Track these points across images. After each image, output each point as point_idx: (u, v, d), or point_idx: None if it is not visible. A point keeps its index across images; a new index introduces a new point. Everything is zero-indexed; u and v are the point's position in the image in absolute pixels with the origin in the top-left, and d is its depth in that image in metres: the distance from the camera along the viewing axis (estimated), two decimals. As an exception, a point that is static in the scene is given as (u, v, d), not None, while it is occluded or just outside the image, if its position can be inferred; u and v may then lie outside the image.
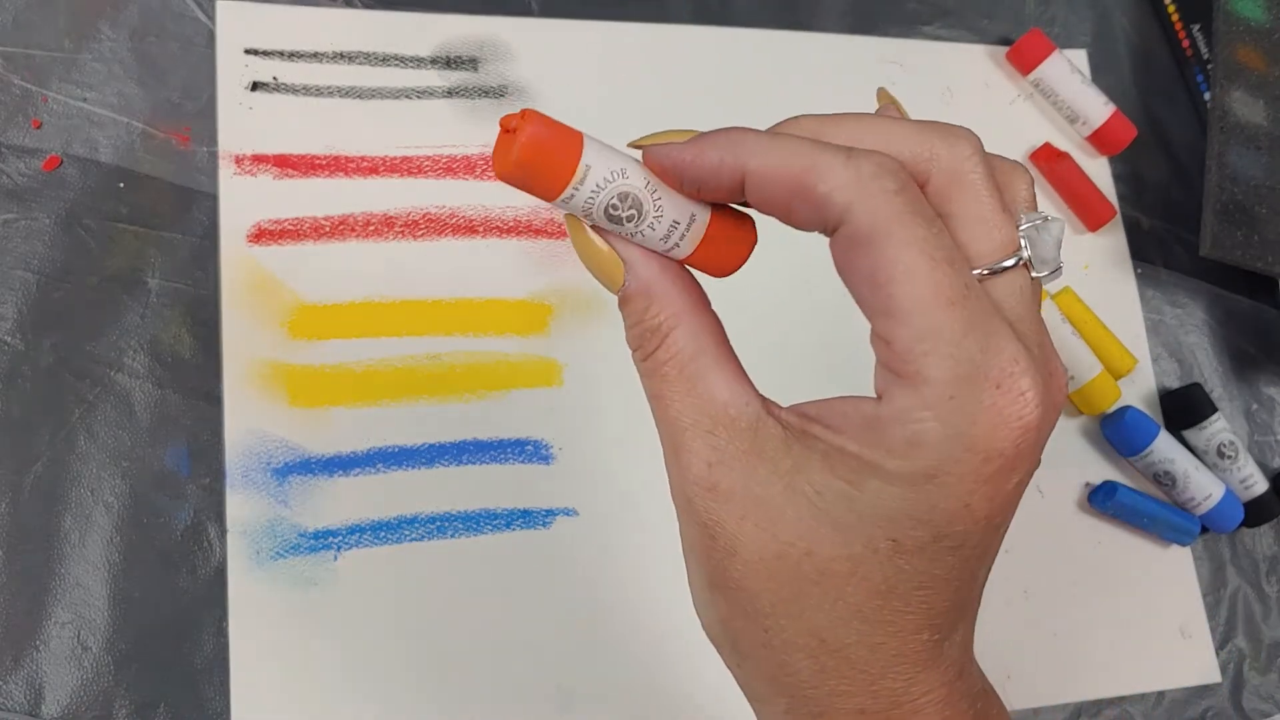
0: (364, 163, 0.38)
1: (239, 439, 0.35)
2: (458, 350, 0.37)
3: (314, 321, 0.36)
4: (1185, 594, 0.42)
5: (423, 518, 0.35)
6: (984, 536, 0.21)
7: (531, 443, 0.37)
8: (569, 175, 0.22)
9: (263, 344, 0.36)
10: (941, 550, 0.21)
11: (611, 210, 0.22)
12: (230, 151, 0.37)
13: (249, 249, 0.36)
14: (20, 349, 0.34)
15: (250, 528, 0.34)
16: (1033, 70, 0.46)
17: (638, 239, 0.23)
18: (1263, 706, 0.42)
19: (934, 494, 0.20)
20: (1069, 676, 0.40)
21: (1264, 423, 0.46)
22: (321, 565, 0.34)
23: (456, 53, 0.40)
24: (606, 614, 0.36)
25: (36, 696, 0.32)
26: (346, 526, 0.35)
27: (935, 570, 0.21)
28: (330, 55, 0.39)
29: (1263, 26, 0.47)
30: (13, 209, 0.35)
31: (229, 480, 0.34)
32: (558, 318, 0.38)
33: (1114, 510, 0.41)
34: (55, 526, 0.33)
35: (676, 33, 0.43)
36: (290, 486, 0.35)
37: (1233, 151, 0.44)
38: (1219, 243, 0.42)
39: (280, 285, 0.36)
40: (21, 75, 0.37)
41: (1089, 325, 0.43)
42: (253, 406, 0.35)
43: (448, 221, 0.38)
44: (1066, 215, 0.46)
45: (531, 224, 0.39)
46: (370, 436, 0.36)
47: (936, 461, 0.20)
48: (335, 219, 0.37)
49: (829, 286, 0.42)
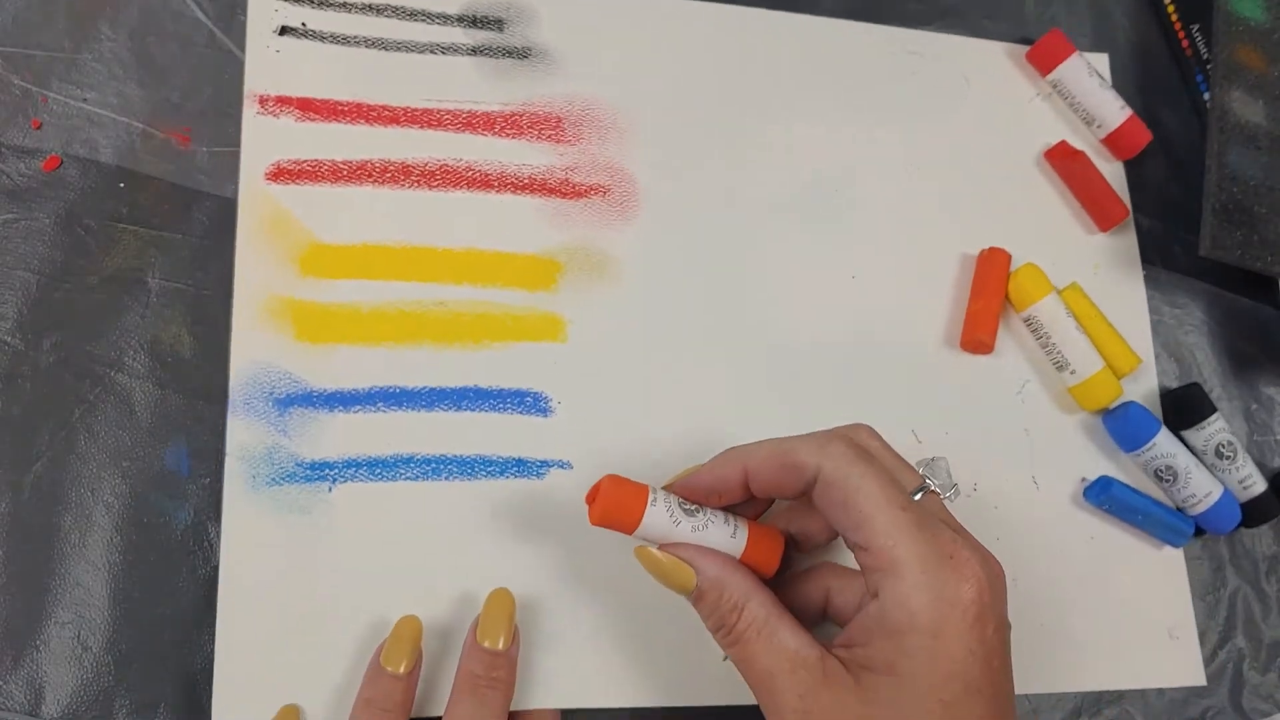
0: (385, 112, 0.39)
1: (244, 368, 0.36)
2: (465, 299, 0.38)
3: (325, 260, 0.37)
4: (1176, 596, 0.42)
5: (418, 458, 0.36)
6: (993, 678, 0.27)
7: (531, 394, 0.38)
8: (638, 520, 0.31)
9: (274, 279, 0.37)
10: (970, 695, 0.27)
11: (684, 506, 0.31)
12: (255, 92, 0.38)
13: (266, 186, 0.37)
14: (20, 349, 0.34)
15: (249, 453, 0.35)
16: (1052, 71, 0.46)
17: (708, 539, 0.31)
18: (1262, 706, 0.42)
19: (946, 650, 0.27)
20: (1052, 667, 0.40)
21: (1263, 422, 0.46)
22: (315, 495, 0.35)
23: (483, 12, 0.41)
24: (593, 565, 0.36)
25: (37, 696, 0.32)
26: (343, 460, 0.35)
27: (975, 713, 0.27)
28: (359, 6, 0.40)
29: (1262, 26, 0.47)
30: (13, 209, 0.35)
31: (231, 406, 0.35)
32: (566, 276, 0.39)
33: (1109, 504, 0.41)
34: (55, 526, 0.33)
35: (697, 6, 0.44)
36: (291, 417, 0.35)
37: (1232, 151, 0.44)
38: (1218, 243, 0.42)
39: (295, 223, 0.37)
40: (21, 75, 0.37)
41: (1094, 321, 0.43)
42: (260, 338, 0.36)
43: (464, 174, 0.39)
44: (1078, 214, 0.46)
45: (546, 183, 0.40)
46: (372, 376, 0.36)
47: (934, 621, 0.27)
48: (354, 163, 0.38)
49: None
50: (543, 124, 0.41)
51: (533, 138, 0.40)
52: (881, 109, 0.45)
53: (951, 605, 0.27)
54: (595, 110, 0.41)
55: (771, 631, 0.29)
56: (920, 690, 0.26)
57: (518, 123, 0.40)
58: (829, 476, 0.29)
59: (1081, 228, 0.46)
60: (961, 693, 0.26)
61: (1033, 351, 0.43)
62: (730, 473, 0.31)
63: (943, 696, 0.26)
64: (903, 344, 0.42)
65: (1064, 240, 0.45)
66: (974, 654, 0.27)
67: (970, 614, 0.27)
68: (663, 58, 0.43)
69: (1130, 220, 0.46)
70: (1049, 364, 0.43)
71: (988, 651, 0.27)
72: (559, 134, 0.41)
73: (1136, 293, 0.46)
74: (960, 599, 0.27)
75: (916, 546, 0.27)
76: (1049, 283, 0.42)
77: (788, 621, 0.30)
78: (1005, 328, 0.43)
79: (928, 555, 0.27)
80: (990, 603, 0.28)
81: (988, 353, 0.42)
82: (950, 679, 0.26)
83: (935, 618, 0.27)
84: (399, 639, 0.33)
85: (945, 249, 0.44)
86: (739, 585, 0.30)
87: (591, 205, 0.40)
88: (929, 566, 0.27)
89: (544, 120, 0.41)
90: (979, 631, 0.27)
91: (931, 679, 0.26)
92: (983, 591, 0.27)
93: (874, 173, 0.44)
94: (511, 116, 0.40)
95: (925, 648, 0.27)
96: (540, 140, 0.40)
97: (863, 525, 0.28)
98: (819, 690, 0.28)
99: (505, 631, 0.33)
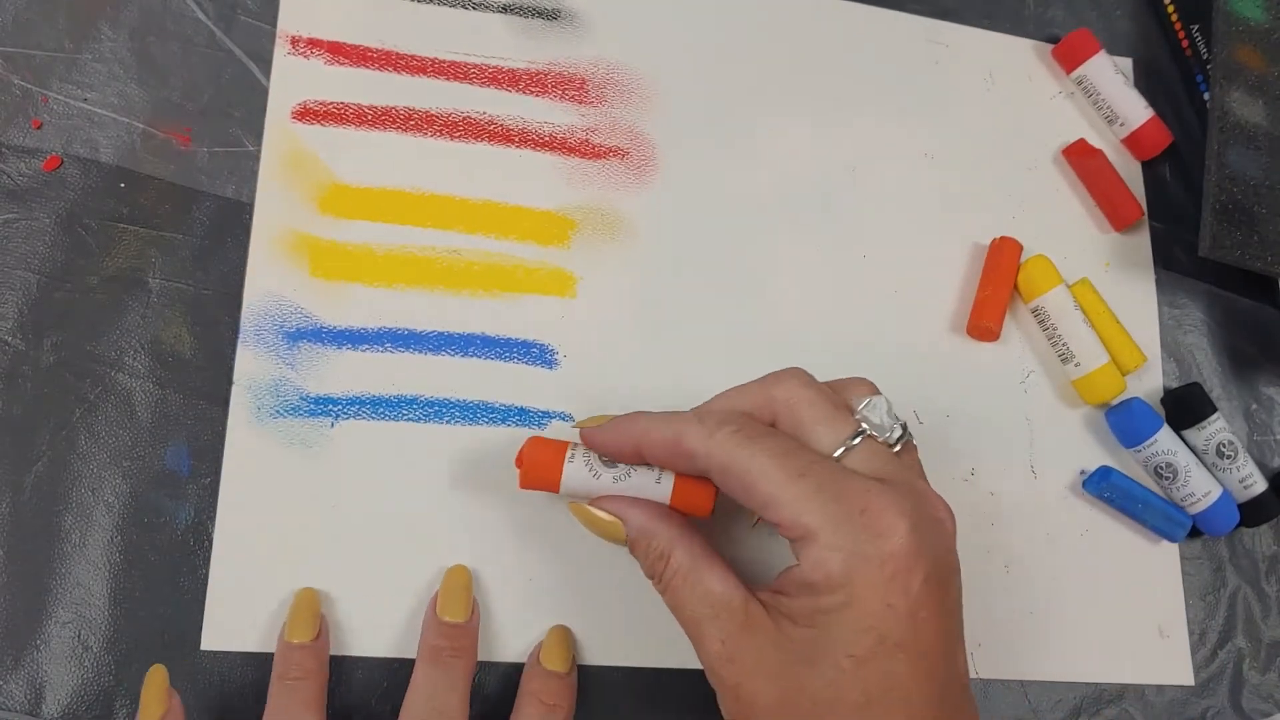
0: (413, 61, 0.40)
1: (256, 299, 0.36)
2: (478, 249, 0.39)
3: (344, 201, 0.38)
4: (1168, 594, 0.42)
5: (422, 400, 0.37)
6: (917, 631, 0.27)
7: (538, 346, 0.38)
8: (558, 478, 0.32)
9: (293, 214, 0.37)
10: (888, 650, 0.26)
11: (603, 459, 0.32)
12: (287, 32, 0.39)
13: (292, 125, 0.38)
14: (21, 349, 0.34)
15: (255, 383, 0.35)
16: (1076, 68, 0.46)
17: (632, 488, 0.31)
18: (1262, 706, 0.42)
19: (861, 605, 0.26)
20: (1040, 655, 0.40)
21: (1263, 422, 0.46)
22: (318, 430, 0.35)
23: None
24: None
25: (37, 696, 0.32)
26: (347, 397, 0.36)
27: (893, 670, 0.26)
28: None
29: (1262, 26, 0.47)
30: (13, 209, 0.35)
31: (241, 336, 0.36)
32: (580, 233, 0.40)
33: (1109, 493, 0.41)
34: (56, 526, 0.33)
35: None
36: (299, 351, 0.36)
37: (1232, 151, 0.44)
38: (1218, 243, 0.42)
39: (317, 162, 0.38)
40: (22, 75, 0.37)
41: (1101, 317, 0.43)
42: (274, 270, 0.37)
43: (486, 128, 0.40)
44: (1092, 212, 0.46)
45: (566, 142, 0.41)
46: (382, 316, 0.37)
47: (848, 580, 0.27)
48: (379, 109, 0.39)
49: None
50: (567, 84, 0.41)
51: (556, 97, 0.41)
52: (903, 96, 0.45)
53: (865, 561, 0.27)
54: (620, 74, 0.42)
55: (697, 577, 0.29)
56: (833, 644, 0.27)
57: (543, 81, 0.41)
58: (720, 465, 0.29)
59: (1095, 226, 0.46)
60: (875, 647, 0.26)
61: (1039, 342, 0.43)
62: (625, 445, 0.31)
63: (853, 651, 0.26)
64: (909, 325, 0.42)
65: (1077, 237, 0.46)
66: (893, 608, 0.26)
67: (888, 568, 0.27)
68: (690, 28, 0.44)
69: (1144, 221, 0.46)
70: (1054, 356, 0.43)
71: (912, 604, 0.27)
72: (582, 95, 0.41)
73: (1147, 292, 0.46)
74: (875, 554, 0.27)
75: (825, 509, 0.27)
76: (1058, 275, 0.42)
77: (715, 566, 0.30)
78: (1013, 318, 0.43)
79: (837, 515, 0.27)
80: (917, 551, 0.27)
81: (994, 340, 0.42)
82: (862, 633, 0.26)
83: (851, 577, 0.27)
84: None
85: (958, 238, 0.44)
86: (665, 533, 0.30)
87: (609, 167, 0.41)
88: (839, 526, 0.27)
89: (569, 81, 0.41)
90: (901, 584, 0.27)
91: (843, 634, 0.26)
92: (903, 543, 0.27)
93: (891, 158, 0.44)
94: (537, 75, 0.41)
95: (839, 604, 0.27)
96: (564, 100, 0.41)
97: (768, 505, 0.28)
98: (740, 635, 0.28)
99: (465, 605, 0.34)
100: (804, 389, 0.30)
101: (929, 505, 0.29)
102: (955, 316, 0.43)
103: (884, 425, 0.30)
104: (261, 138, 0.38)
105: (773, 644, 0.28)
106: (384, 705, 0.34)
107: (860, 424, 0.30)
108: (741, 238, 0.41)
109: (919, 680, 0.27)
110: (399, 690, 0.33)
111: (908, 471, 0.30)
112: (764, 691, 0.28)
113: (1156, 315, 0.46)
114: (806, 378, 0.31)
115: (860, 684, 0.26)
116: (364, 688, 0.34)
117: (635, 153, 0.41)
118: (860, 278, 0.42)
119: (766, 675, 0.28)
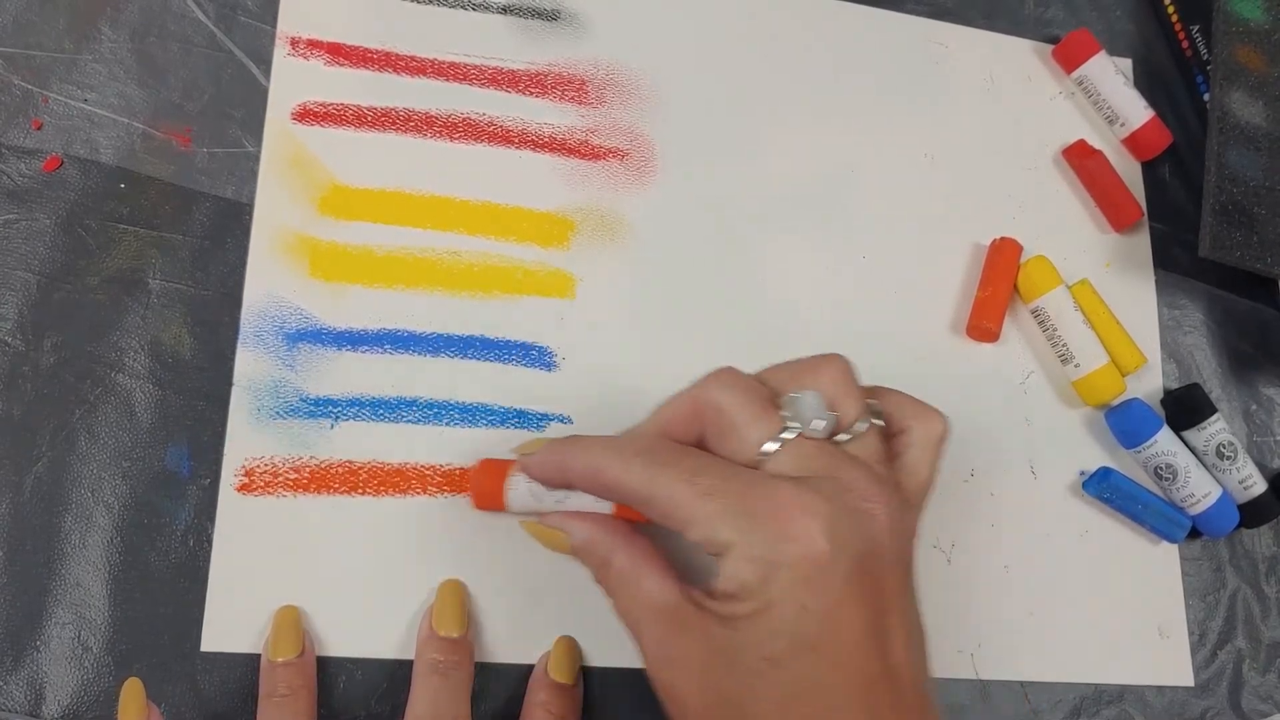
0: (413, 62, 0.40)
1: (256, 300, 0.36)
2: (478, 250, 0.39)
3: (344, 202, 0.38)
4: (1168, 595, 0.42)
5: (421, 402, 0.37)
6: (838, 630, 0.27)
7: (537, 348, 0.38)
8: (501, 501, 0.34)
9: (292, 215, 0.37)
10: (802, 652, 0.27)
11: (546, 492, 0.33)
12: (287, 33, 0.39)
13: (292, 125, 0.38)
14: (21, 349, 0.34)
15: (255, 384, 0.35)
16: (1076, 69, 0.46)
17: (573, 506, 0.33)
18: (1262, 707, 0.42)
19: (775, 610, 0.27)
20: (1040, 656, 0.40)
21: (1263, 423, 0.46)
22: (318, 431, 0.36)
23: None
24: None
25: (37, 696, 0.32)
26: (347, 398, 0.36)
27: (808, 671, 0.27)
28: None
29: (1262, 27, 0.47)
30: (13, 210, 0.35)
31: (241, 337, 0.36)
32: (579, 235, 0.40)
33: (1108, 494, 0.41)
34: (55, 527, 0.33)
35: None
36: (299, 352, 0.36)
37: (1232, 152, 0.44)
38: (1218, 243, 0.42)
39: (317, 163, 0.38)
40: (22, 76, 0.37)
41: (1101, 318, 0.43)
42: (274, 271, 0.37)
43: (485, 129, 0.40)
44: (1092, 213, 0.46)
45: (566, 143, 0.41)
46: (382, 318, 0.37)
47: (762, 587, 0.27)
48: (378, 109, 0.39)
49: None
50: (567, 85, 0.41)
51: (556, 98, 0.41)
52: (902, 96, 0.45)
53: (776, 567, 0.27)
54: (620, 75, 0.42)
55: (636, 582, 0.30)
56: (750, 647, 0.27)
57: (542, 82, 0.41)
58: (636, 497, 0.29)
59: (1095, 226, 0.46)
60: (788, 650, 0.26)
61: (1038, 343, 0.43)
62: (553, 478, 0.32)
63: (767, 654, 0.27)
64: (909, 326, 0.42)
65: (1077, 237, 0.46)
66: (808, 610, 0.26)
67: (800, 571, 0.26)
68: (690, 30, 0.44)
69: (1144, 221, 0.46)
70: (1054, 356, 0.43)
71: (830, 604, 0.26)
72: (582, 96, 0.41)
73: (1147, 293, 0.46)
74: (785, 558, 0.26)
75: (737, 523, 0.27)
76: (1058, 275, 0.42)
77: (654, 569, 0.30)
78: (1013, 319, 0.43)
79: (746, 527, 0.27)
80: (834, 549, 0.27)
81: (994, 341, 0.42)
82: (775, 636, 0.27)
83: (764, 584, 0.27)
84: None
85: (957, 239, 0.44)
86: (604, 541, 0.31)
87: (609, 168, 0.41)
88: (751, 536, 0.27)
89: (568, 82, 0.41)
90: (817, 585, 0.26)
91: (759, 638, 0.27)
92: (816, 544, 0.26)
93: (891, 158, 0.44)
94: (537, 76, 0.41)
95: (754, 610, 0.27)
96: (563, 101, 0.41)
97: (685, 527, 0.28)
98: (673, 637, 0.29)
99: (460, 620, 0.34)
100: (728, 391, 0.30)
101: (854, 497, 0.28)
102: (955, 317, 0.43)
103: (807, 419, 0.29)
104: (261, 138, 0.38)
105: (701, 645, 0.28)
106: (384, 706, 0.34)
107: (785, 421, 0.29)
108: (741, 239, 0.41)
109: (839, 679, 0.27)
110: (399, 691, 0.33)
111: (843, 464, 0.29)
112: (693, 693, 0.28)
113: (1156, 316, 0.46)
114: (733, 377, 0.30)
115: (777, 686, 0.27)
116: (364, 688, 0.34)
117: (635, 154, 0.41)
118: (860, 278, 0.42)
119: (695, 676, 0.28)
